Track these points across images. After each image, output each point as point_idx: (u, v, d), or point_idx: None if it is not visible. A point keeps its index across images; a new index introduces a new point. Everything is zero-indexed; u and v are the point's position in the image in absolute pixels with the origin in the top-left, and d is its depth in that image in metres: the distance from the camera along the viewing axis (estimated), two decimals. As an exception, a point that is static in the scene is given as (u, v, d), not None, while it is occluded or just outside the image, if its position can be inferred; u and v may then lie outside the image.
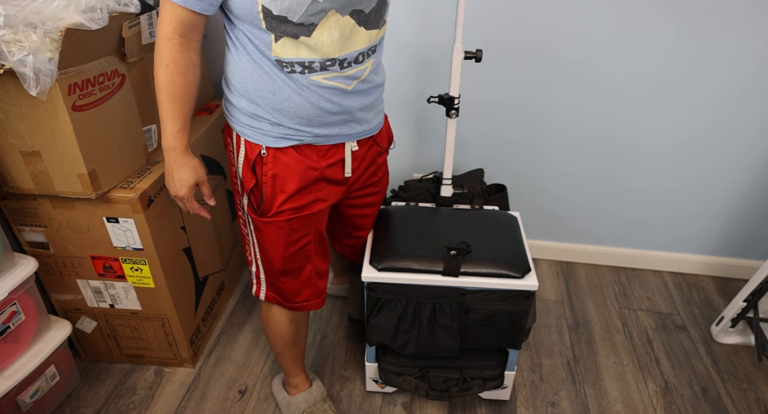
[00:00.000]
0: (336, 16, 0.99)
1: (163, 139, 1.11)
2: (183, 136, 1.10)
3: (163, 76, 1.04)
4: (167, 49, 1.02)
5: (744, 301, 1.68)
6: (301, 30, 0.98)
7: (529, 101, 1.81)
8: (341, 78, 1.07)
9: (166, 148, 1.11)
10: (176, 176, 1.14)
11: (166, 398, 1.58)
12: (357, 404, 1.57)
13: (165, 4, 0.98)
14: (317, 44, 1.00)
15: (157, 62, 1.03)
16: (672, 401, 1.59)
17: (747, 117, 1.74)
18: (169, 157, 1.13)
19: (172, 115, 1.07)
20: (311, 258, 1.26)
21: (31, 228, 1.39)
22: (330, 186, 1.22)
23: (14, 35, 1.03)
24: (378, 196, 1.40)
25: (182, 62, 1.03)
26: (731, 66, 1.66)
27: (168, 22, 1.00)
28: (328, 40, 1.00)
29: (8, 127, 1.18)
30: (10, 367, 1.32)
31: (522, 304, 1.31)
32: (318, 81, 1.05)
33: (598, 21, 1.64)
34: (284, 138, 1.11)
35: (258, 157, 1.13)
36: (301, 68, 1.03)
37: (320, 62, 1.03)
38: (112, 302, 1.53)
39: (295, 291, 1.29)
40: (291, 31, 0.98)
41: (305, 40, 0.99)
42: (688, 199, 1.94)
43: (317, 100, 1.07)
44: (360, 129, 1.18)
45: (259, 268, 1.29)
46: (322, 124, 1.12)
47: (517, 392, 1.61)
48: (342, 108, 1.11)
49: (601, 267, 2.14)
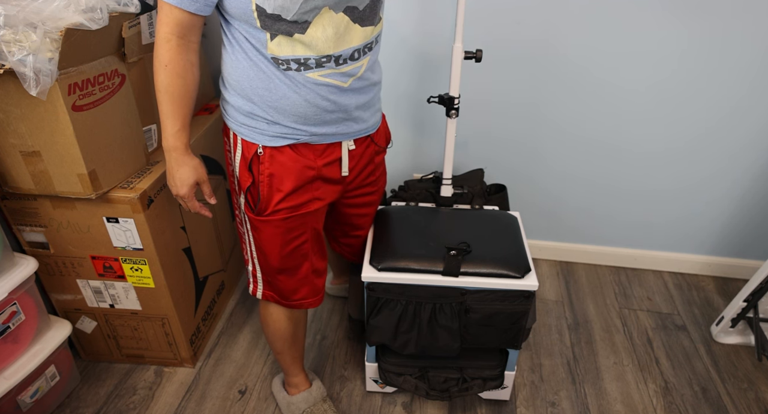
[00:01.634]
0: (330, 13, 1.00)
1: (163, 139, 1.12)
2: (183, 135, 1.11)
3: (162, 77, 1.05)
4: (165, 50, 1.03)
5: (744, 301, 1.68)
6: (295, 27, 0.99)
7: (529, 101, 1.81)
8: (337, 75, 1.07)
9: (167, 147, 1.12)
10: (177, 175, 1.15)
11: (166, 398, 1.58)
12: (357, 404, 1.57)
13: (162, 5, 0.99)
14: (312, 41, 1.01)
15: (156, 63, 1.04)
16: (672, 401, 1.59)
17: (747, 117, 1.74)
18: (170, 157, 1.14)
19: (171, 116, 1.08)
20: (308, 256, 1.27)
21: (31, 228, 1.39)
22: (327, 185, 1.22)
23: (14, 35, 1.03)
24: (375, 196, 1.40)
25: (180, 63, 1.04)
26: (731, 67, 1.66)
27: (165, 23, 1.01)
28: (322, 37, 1.01)
29: (8, 127, 1.18)
30: (10, 367, 1.32)
31: (522, 304, 1.31)
32: (314, 78, 1.06)
33: (599, 21, 1.64)
34: (281, 137, 1.11)
35: (255, 156, 1.13)
36: (297, 65, 1.04)
37: (315, 59, 1.03)
38: (112, 302, 1.53)
39: (293, 289, 1.29)
40: (285, 29, 0.99)
41: (300, 37, 1.00)
42: (688, 199, 1.94)
43: (313, 97, 1.07)
44: (357, 128, 1.18)
45: (255, 267, 1.29)
46: (319, 123, 1.12)
47: (517, 392, 1.61)
48: (338, 106, 1.11)
49: (601, 267, 2.14)
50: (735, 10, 1.57)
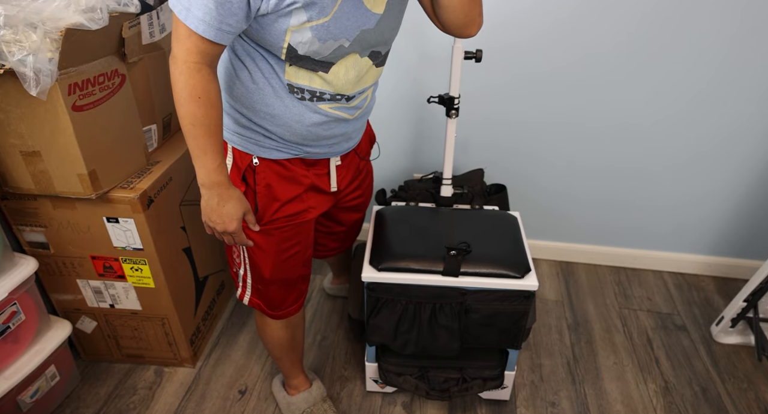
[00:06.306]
0: (355, 56, 1.00)
1: (200, 177, 1.02)
2: (224, 168, 1.03)
3: (197, 109, 0.95)
4: (197, 81, 0.93)
5: (744, 301, 1.68)
6: (319, 66, 0.99)
7: (529, 101, 1.81)
8: (346, 109, 1.08)
9: (208, 184, 1.03)
10: (224, 212, 1.06)
11: (166, 398, 1.58)
12: (357, 404, 1.57)
13: (190, 35, 0.90)
14: (333, 80, 1.01)
15: (186, 95, 0.94)
16: (672, 401, 1.59)
17: (747, 117, 1.74)
18: (212, 194, 1.04)
19: (211, 149, 0.99)
20: (298, 267, 1.26)
21: (31, 228, 1.39)
22: (319, 195, 1.22)
23: (14, 35, 1.03)
24: (363, 198, 1.40)
25: (213, 92, 0.96)
26: (732, 67, 1.66)
27: (195, 53, 0.92)
28: (344, 79, 1.02)
29: (8, 127, 1.18)
30: (10, 367, 1.32)
31: (522, 304, 1.31)
32: (324, 109, 1.06)
33: (599, 21, 1.64)
34: (275, 150, 1.11)
35: (249, 167, 1.12)
36: (311, 95, 1.03)
37: (331, 94, 1.04)
38: (112, 302, 1.53)
39: (281, 299, 1.29)
40: (310, 66, 0.98)
41: (322, 74, 1.00)
42: (688, 198, 1.94)
43: (319, 125, 1.08)
44: (346, 146, 1.20)
45: (247, 272, 1.26)
46: (316, 145, 1.13)
47: (517, 392, 1.61)
48: (340, 133, 1.13)
49: (601, 267, 2.14)
50: (744, 16, 1.57)
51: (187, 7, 0.86)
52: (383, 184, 2.09)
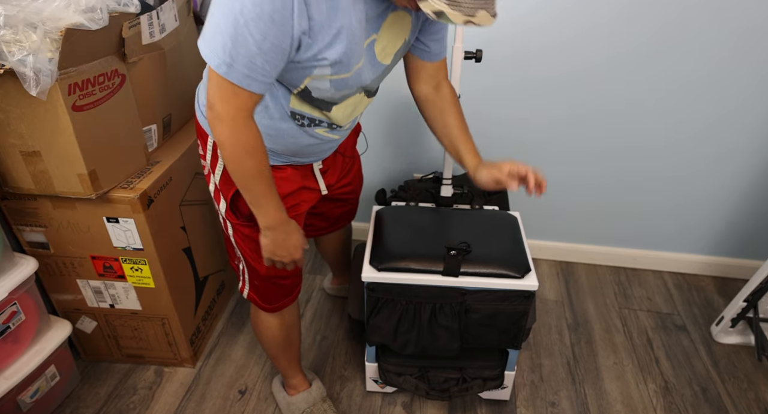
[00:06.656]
0: (355, 96, 1.07)
1: (264, 221, 1.05)
2: (281, 204, 1.07)
3: (253, 162, 0.97)
4: (249, 135, 0.94)
5: (744, 301, 1.68)
6: (324, 105, 1.04)
7: (529, 101, 1.81)
8: (338, 131, 1.15)
9: (272, 225, 1.06)
10: (290, 244, 1.10)
11: (166, 398, 1.58)
12: (357, 404, 1.57)
13: (237, 93, 0.88)
14: (333, 115, 1.08)
15: (242, 152, 0.95)
16: (672, 401, 1.59)
17: (748, 117, 1.74)
18: (277, 232, 1.07)
19: (270, 195, 1.02)
20: None
21: (31, 228, 1.39)
22: (310, 192, 1.27)
23: (14, 35, 1.03)
24: (352, 187, 1.44)
25: (261, 138, 0.97)
26: (731, 66, 1.66)
27: (245, 109, 0.92)
28: (342, 115, 1.09)
29: (8, 127, 1.18)
30: (10, 367, 1.32)
31: (522, 304, 1.31)
32: (320, 134, 1.12)
33: (599, 22, 1.64)
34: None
35: None
36: (310, 122, 1.08)
37: (328, 123, 1.10)
38: (112, 302, 1.53)
39: (275, 293, 1.30)
40: (316, 104, 1.03)
41: (324, 112, 1.06)
42: (688, 198, 1.94)
43: (312, 145, 1.14)
44: (329, 153, 1.25)
45: (245, 268, 1.28)
46: (304, 156, 1.18)
47: (517, 392, 1.61)
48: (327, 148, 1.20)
49: (600, 267, 2.14)
50: (743, 12, 1.57)
51: (229, 63, 0.84)
52: (383, 184, 2.09)
